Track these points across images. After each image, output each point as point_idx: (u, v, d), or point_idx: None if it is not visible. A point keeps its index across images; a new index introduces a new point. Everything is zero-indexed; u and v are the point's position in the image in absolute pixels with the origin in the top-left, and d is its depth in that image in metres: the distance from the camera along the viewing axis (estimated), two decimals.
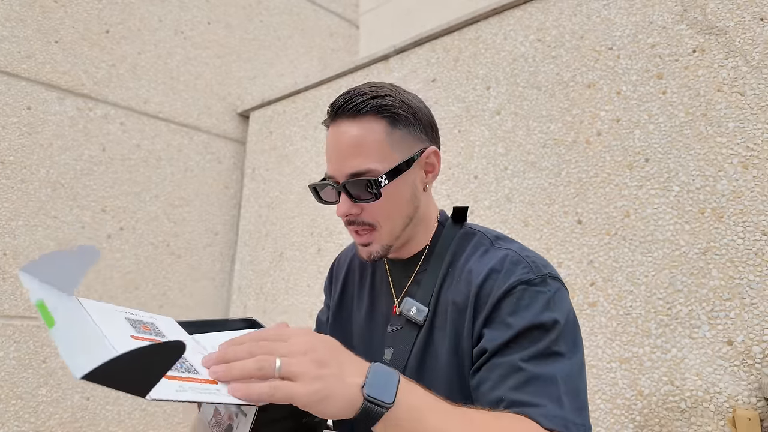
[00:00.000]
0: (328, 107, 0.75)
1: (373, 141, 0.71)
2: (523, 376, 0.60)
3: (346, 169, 0.71)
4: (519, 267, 0.68)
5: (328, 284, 0.97)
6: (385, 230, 0.74)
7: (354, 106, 0.72)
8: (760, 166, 1.12)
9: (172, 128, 2.19)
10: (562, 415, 0.57)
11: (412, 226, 0.78)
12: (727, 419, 1.05)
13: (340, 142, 0.72)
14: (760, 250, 1.08)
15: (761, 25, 1.17)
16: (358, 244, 0.76)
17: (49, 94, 1.89)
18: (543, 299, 0.65)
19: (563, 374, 0.60)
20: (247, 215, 2.31)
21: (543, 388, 0.59)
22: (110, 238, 1.96)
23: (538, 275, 0.67)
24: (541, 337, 0.62)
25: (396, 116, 0.73)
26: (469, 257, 0.75)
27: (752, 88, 1.16)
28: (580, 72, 1.43)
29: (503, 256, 0.71)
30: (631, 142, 1.30)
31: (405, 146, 0.74)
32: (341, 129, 0.72)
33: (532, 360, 0.61)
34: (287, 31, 2.68)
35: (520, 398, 0.58)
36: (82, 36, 1.99)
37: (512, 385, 0.60)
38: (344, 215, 0.73)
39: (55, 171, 1.86)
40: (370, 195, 0.71)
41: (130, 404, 1.92)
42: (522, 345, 0.62)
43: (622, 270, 1.24)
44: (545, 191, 1.42)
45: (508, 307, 0.65)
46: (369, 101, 0.72)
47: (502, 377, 0.61)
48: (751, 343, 1.06)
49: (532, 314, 0.64)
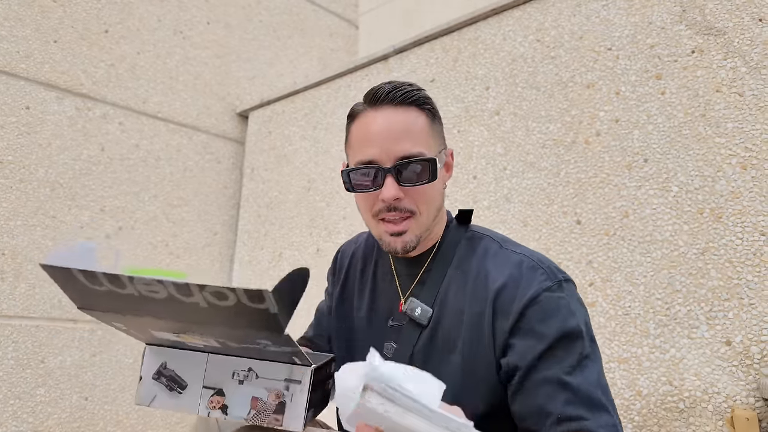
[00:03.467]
0: (368, 94, 0.75)
1: (420, 129, 0.73)
2: (570, 391, 0.63)
3: (398, 152, 0.71)
4: (537, 274, 0.70)
5: (332, 273, 0.96)
6: (424, 218, 0.75)
7: (403, 94, 0.73)
8: (759, 167, 1.12)
9: (171, 128, 2.19)
10: (613, 422, 0.62)
11: (437, 221, 0.79)
12: (725, 419, 1.05)
13: (389, 126, 0.72)
14: (759, 251, 1.08)
15: (760, 25, 1.17)
16: (392, 234, 0.74)
17: (48, 93, 1.88)
18: (565, 305, 0.68)
19: (598, 378, 0.65)
20: (246, 215, 2.31)
21: (590, 399, 0.62)
22: (109, 238, 1.96)
23: (555, 281, 0.69)
24: (573, 346, 0.66)
25: (434, 111, 0.77)
26: (481, 261, 0.75)
27: (751, 88, 1.16)
28: (579, 72, 1.43)
29: (518, 261, 0.72)
30: (630, 143, 1.30)
31: (439, 141, 0.78)
32: (386, 114, 0.73)
33: (573, 372, 0.64)
34: (287, 31, 2.68)
35: (575, 413, 0.61)
36: (81, 36, 1.99)
37: (563, 401, 0.62)
38: (392, 198, 0.71)
39: (53, 171, 1.86)
40: (425, 177, 0.72)
41: (129, 404, 1.91)
42: (558, 356, 0.65)
43: (621, 270, 1.24)
44: (544, 191, 1.42)
45: (535, 316, 0.67)
46: (416, 92, 0.74)
47: (551, 393, 0.63)
48: (749, 343, 1.06)
49: (560, 321, 0.66)
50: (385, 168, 0.72)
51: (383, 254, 0.87)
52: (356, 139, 0.76)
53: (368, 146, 0.73)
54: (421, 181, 0.72)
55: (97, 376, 1.86)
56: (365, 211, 0.77)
